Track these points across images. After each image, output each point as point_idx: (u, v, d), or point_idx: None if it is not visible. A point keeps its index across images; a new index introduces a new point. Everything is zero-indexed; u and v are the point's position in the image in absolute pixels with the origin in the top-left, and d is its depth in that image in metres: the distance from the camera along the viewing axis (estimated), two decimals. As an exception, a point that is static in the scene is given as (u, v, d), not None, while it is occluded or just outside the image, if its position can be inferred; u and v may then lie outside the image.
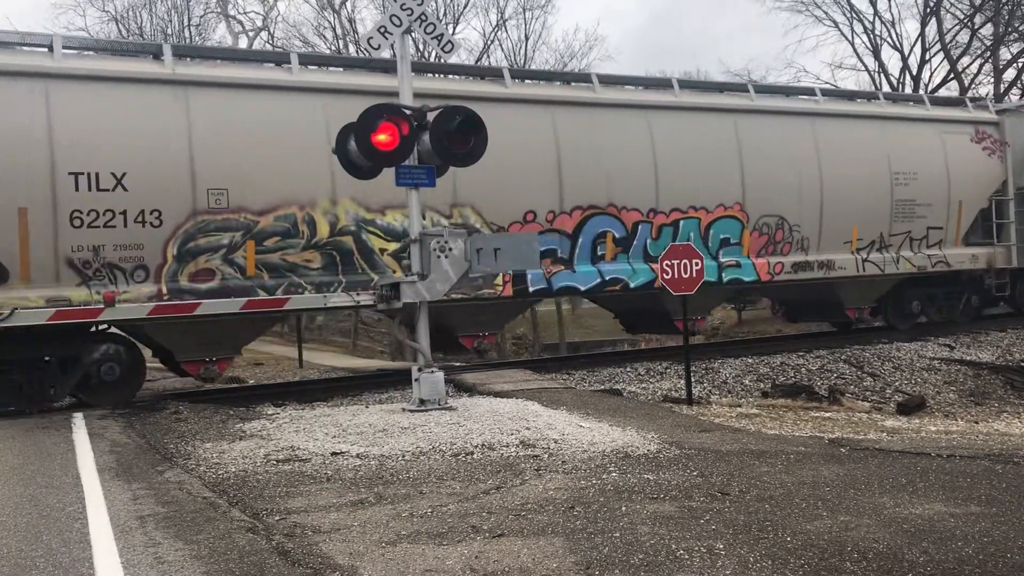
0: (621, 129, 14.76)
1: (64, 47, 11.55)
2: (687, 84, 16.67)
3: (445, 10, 35.08)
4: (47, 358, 11.49)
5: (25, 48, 11.79)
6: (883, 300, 18.17)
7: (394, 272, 12.71)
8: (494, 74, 14.92)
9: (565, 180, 14.17)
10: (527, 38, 38.09)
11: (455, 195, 13.26)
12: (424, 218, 12.01)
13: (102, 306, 11.19)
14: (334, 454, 7.92)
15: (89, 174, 11.17)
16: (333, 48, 34.59)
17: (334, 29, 35.92)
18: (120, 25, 34.43)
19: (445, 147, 9.97)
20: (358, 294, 12.46)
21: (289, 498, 6.41)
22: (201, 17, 35.94)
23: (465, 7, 37.03)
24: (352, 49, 33.19)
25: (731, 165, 15.64)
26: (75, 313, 11.11)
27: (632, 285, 14.75)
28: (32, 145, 10.92)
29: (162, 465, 7.75)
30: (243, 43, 35.04)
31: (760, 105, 16.33)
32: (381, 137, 9.78)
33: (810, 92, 18.28)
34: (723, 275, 15.48)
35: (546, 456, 7.59)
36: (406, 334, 10.82)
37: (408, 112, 9.94)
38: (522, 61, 36.86)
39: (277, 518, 5.84)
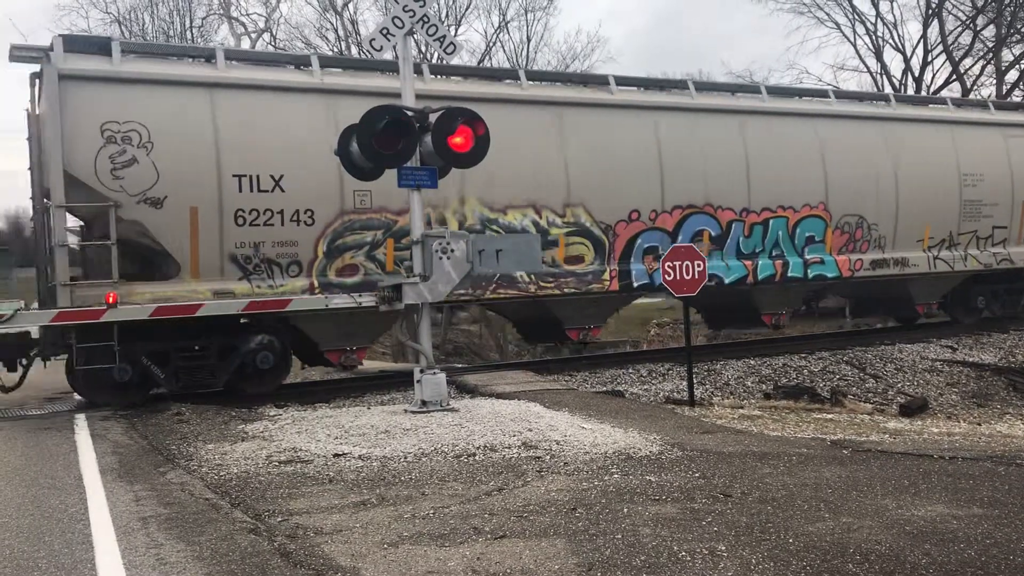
0: (716, 132, 15.67)
1: (226, 58, 12.59)
2: (773, 90, 17.46)
3: (447, 12, 35.12)
4: (206, 348, 12.30)
5: (189, 59, 13.05)
6: (949, 296, 19.19)
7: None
8: (600, 81, 15.74)
9: (666, 181, 15.12)
10: (529, 40, 38.16)
11: (568, 195, 14.27)
12: (540, 216, 14.08)
13: (104, 307, 11.21)
14: (336, 455, 7.92)
15: (251, 176, 12.12)
16: (335, 50, 34.62)
17: (336, 31, 35.99)
18: (122, 27, 34.45)
19: (447, 148, 9.97)
20: (360, 295, 12.47)
21: (291, 499, 6.41)
22: (203, 19, 35.99)
23: (467, 9, 37.09)
24: (354, 51, 33.22)
25: (815, 167, 16.59)
26: (77, 314, 11.12)
27: (727, 281, 15.67)
28: (202, 149, 11.85)
29: (164, 466, 7.76)
30: (245, 44, 35.06)
31: (839, 110, 17.33)
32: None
33: (884, 99, 19.15)
34: (808, 271, 16.50)
35: (548, 457, 7.59)
36: (408, 336, 10.81)
37: (410, 113, 9.95)
38: (524, 63, 36.86)
39: (279, 519, 5.84)
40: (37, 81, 11.95)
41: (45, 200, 11.80)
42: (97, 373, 11.51)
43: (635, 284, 14.91)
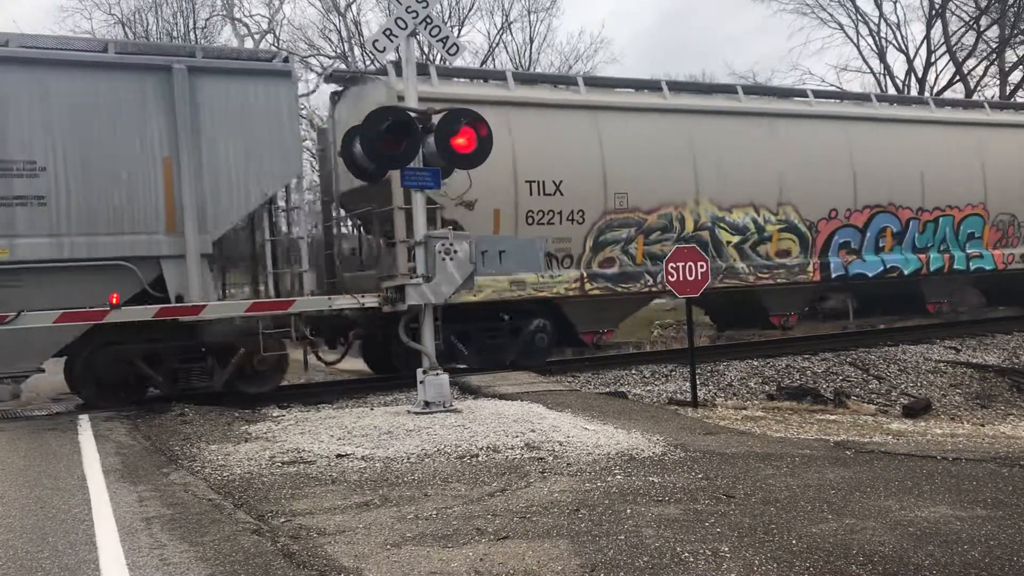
0: (897, 140, 17.78)
1: (514, 79, 14.79)
2: (940, 101, 20.14)
3: (450, 13, 35.15)
4: (500, 329, 14.28)
5: (481, 80, 15.38)
6: None
7: (734, 261, 15.86)
8: (798, 94, 18.24)
9: (858, 183, 17.23)
10: (532, 41, 38.22)
11: (780, 196, 16.41)
12: (759, 214, 16.16)
13: (108, 308, 11.23)
14: (339, 456, 7.92)
15: (539, 182, 14.18)
16: (338, 51, 34.65)
17: (339, 32, 36.02)
18: (126, 28, 34.52)
19: (449, 149, 9.98)
20: (363, 296, 12.48)
21: (294, 500, 6.41)
22: (207, 20, 36.03)
23: (470, 10, 37.12)
24: (357, 52, 33.25)
25: (976, 171, 18.78)
26: (79, 315, 11.16)
27: (906, 272, 17.89)
28: (502, 159, 13.28)
29: (167, 467, 7.77)
30: (248, 46, 35.10)
31: (995, 119, 19.60)
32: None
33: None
34: (969, 264, 18.72)
35: (551, 458, 7.59)
36: (409, 337, 10.81)
37: (413, 115, 9.96)
38: (527, 64, 36.88)
39: (282, 520, 5.84)
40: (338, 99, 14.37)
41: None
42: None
43: (832, 275, 16.96)
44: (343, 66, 27.04)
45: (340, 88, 14.43)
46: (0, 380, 11.08)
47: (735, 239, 15.91)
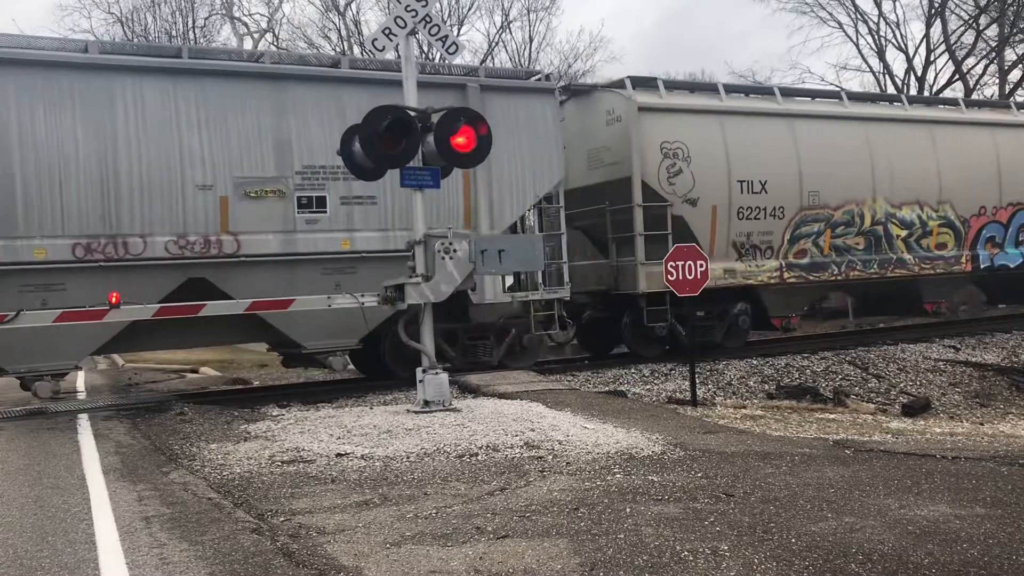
0: None
1: (725, 90, 16.55)
2: None
3: (450, 12, 35.13)
4: (710, 313, 15.96)
5: (688, 91, 16.85)
6: None
7: (902, 253, 17.71)
8: (951, 103, 20.36)
9: (1003, 183, 19.15)
10: (531, 40, 38.15)
11: (940, 194, 18.24)
12: (922, 211, 18.09)
13: (107, 308, 11.24)
14: (339, 455, 7.92)
15: (748, 181, 15.96)
16: (338, 49, 34.63)
17: (339, 31, 36.00)
18: (125, 27, 34.50)
19: (449, 148, 9.97)
20: (363, 296, 12.47)
21: (294, 499, 6.41)
22: (206, 19, 36.00)
23: (470, 9, 37.09)
24: (356, 51, 33.22)
25: None
26: (79, 315, 11.18)
27: None
28: (719, 161, 15.70)
29: (167, 466, 7.77)
30: (248, 45, 35.09)
31: None
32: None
33: None
34: None
35: (550, 457, 7.59)
36: (408, 336, 10.81)
37: (412, 113, 9.95)
38: (526, 63, 36.85)
39: (282, 519, 5.84)
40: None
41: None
42: (644, 331, 15.35)
43: (981, 266, 18.88)
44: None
45: (564, 98, 15.83)
46: (333, 353, 12.98)
47: (903, 233, 17.82)
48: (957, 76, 35.40)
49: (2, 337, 10.87)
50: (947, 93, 34.35)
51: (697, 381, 12.73)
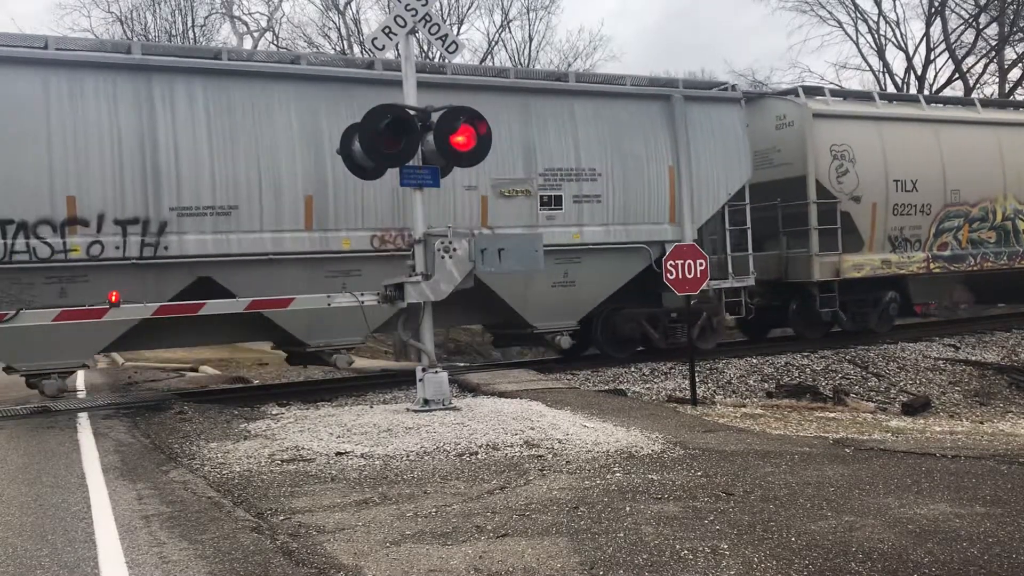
0: None
1: (879, 97, 18.71)
2: None
3: (449, 11, 35.11)
4: (864, 299, 17.62)
5: (851, 99, 18.76)
6: None
7: None
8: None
9: None
10: (531, 39, 38.13)
11: (1005, 189, 19.25)
12: (1021, 203, 19.47)
13: (107, 306, 11.21)
14: (338, 454, 7.92)
15: (901, 180, 17.56)
16: (337, 48, 34.61)
17: (339, 30, 35.96)
18: (124, 26, 34.48)
19: (449, 147, 9.96)
20: (363, 295, 12.46)
21: (293, 498, 6.41)
22: (206, 18, 35.97)
23: (469, 8, 37.06)
24: (357, 50, 33.21)
25: None
26: (79, 314, 11.17)
27: None
28: (877, 162, 17.25)
29: (167, 465, 7.77)
30: (247, 44, 35.07)
31: None
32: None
33: None
34: None
35: (550, 456, 7.59)
36: (410, 334, 10.80)
37: (412, 112, 9.95)
38: (526, 62, 36.84)
39: (281, 518, 5.84)
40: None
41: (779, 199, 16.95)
42: (812, 315, 17.04)
43: None
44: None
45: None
46: (560, 333, 14.61)
47: None
48: (957, 75, 35.39)
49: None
50: (947, 92, 34.35)
51: (697, 380, 12.73)
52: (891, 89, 35.36)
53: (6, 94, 11.11)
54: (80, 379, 16.69)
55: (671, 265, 12.10)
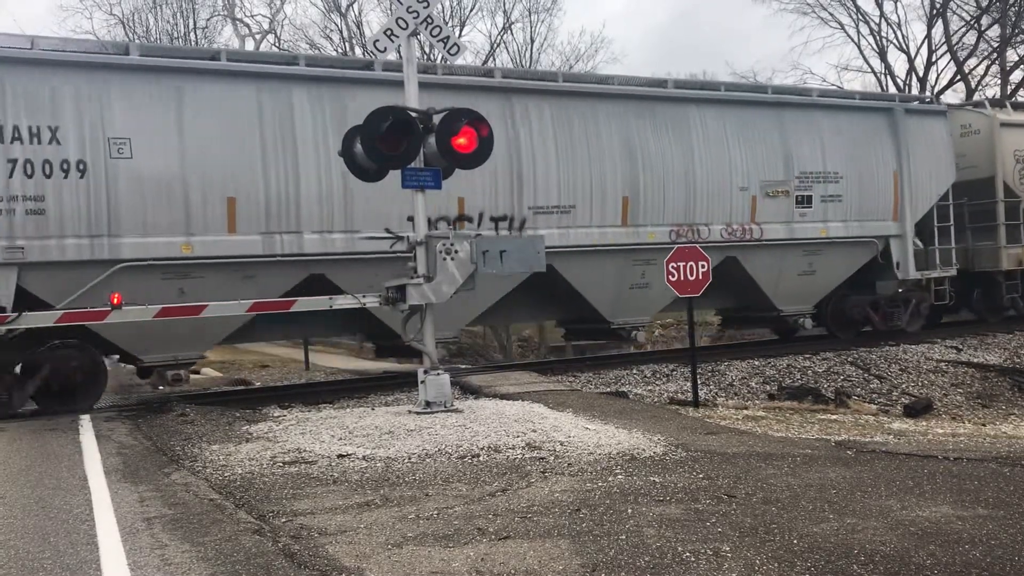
0: None
1: (991, 105, 19.96)
2: None
3: (451, 13, 35.14)
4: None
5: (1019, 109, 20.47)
6: None
7: None
8: None
9: None
10: (532, 41, 38.13)
11: None
12: None
13: (109, 309, 11.23)
14: (340, 456, 7.92)
15: None
16: (340, 50, 34.63)
17: (341, 32, 35.99)
18: (126, 28, 34.52)
19: (450, 149, 9.96)
20: (364, 296, 12.46)
21: (295, 500, 6.41)
22: (208, 20, 36.02)
23: (471, 10, 37.10)
24: (359, 51, 33.23)
25: None
26: (79, 315, 11.19)
27: None
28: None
29: (169, 467, 7.77)
30: (249, 46, 35.11)
31: None
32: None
33: None
34: None
35: (552, 458, 7.59)
36: (411, 336, 10.80)
37: (414, 114, 9.95)
38: (528, 64, 36.83)
39: (283, 520, 5.84)
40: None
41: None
42: (994, 301, 19.40)
43: None
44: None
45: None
46: (803, 316, 17.13)
47: None
48: (959, 77, 35.36)
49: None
50: (948, 93, 34.35)
51: (699, 382, 12.71)
52: (892, 90, 35.32)
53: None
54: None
55: (672, 267, 12.08)
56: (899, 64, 59.35)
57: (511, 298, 14.19)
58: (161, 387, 12.58)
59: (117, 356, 13.23)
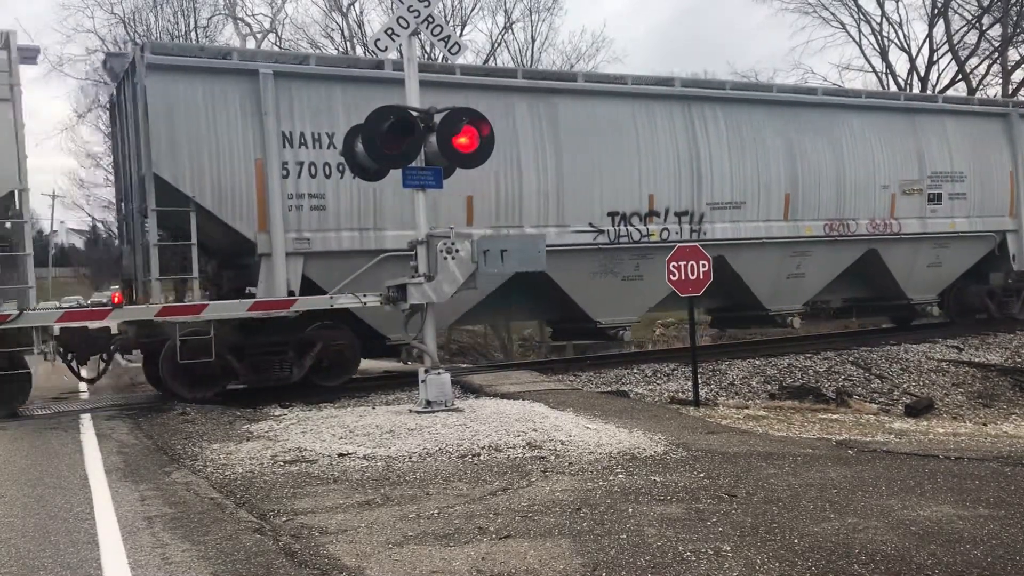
0: None
1: None
2: None
3: (452, 12, 35.12)
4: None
5: None
6: None
7: None
8: None
9: None
10: (533, 40, 38.12)
11: None
12: None
13: (110, 307, 11.28)
14: (341, 455, 7.92)
15: None
16: (341, 49, 34.62)
17: (342, 31, 35.98)
18: (127, 27, 34.50)
19: (451, 148, 9.95)
20: (364, 295, 12.47)
21: (296, 499, 6.41)
22: (209, 19, 35.97)
23: (472, 10, 37.08)
24: (360, 51, 33.23)
25: None
26: (79, 314, 11.27)
27: None
28: None
29: (169, 466, 7.77)
30: (251, 45, 35.08)
31: None
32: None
33: None
34: None
35: (553, 458, 7.59)
36: (412, 335, 10.80)
37: (415, 114, 9.95)
38: (529, 63, 36.82)
39: (284, 519, 5.84)
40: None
41: None
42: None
43: None
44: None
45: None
46: (930, 304, 19.16)
47: None
48: (960, 76, 35.34)
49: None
50: (950, 93, 34.31)
51: (700, 381, 12.71)
52: (893, 89, 35.32)
53: (611, 119, 14.88)
54: (83, 380, 16.69)
55: (673, 266, 12.08)
56: (900, 63, 59.39)
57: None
58: (408, 363, 13.72)
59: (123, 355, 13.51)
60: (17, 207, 11.32)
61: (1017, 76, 35.63)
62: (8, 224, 11.48)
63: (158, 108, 11.82)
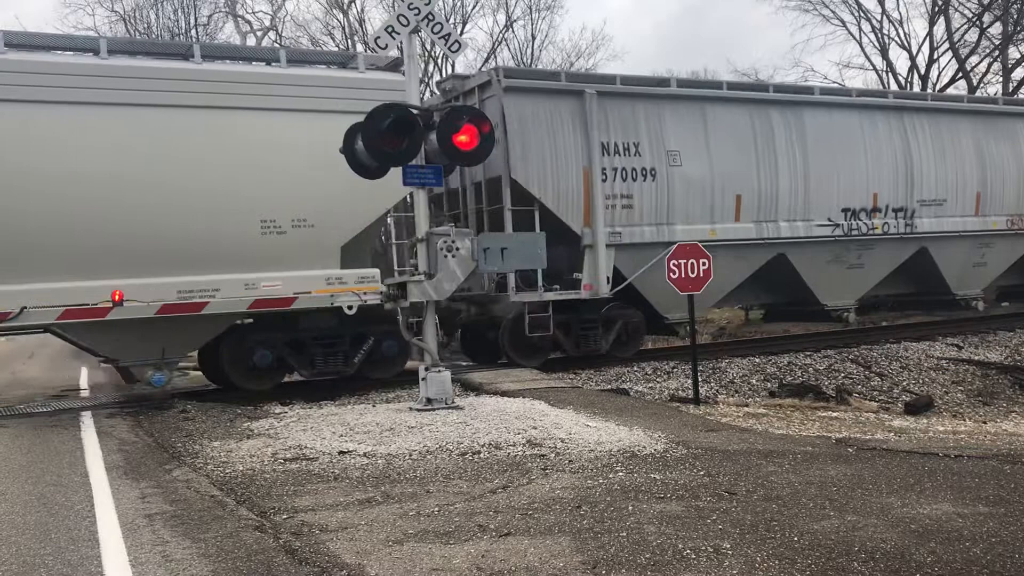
0: None
1: None
2: None
3: (453, 9, 35.12)
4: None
5: None
6: None
7: None
8: None
9: None
10: (534, 38, 38.12)
11: None
12: None
13: (111, 305, 11.29)
14: (341, 453, 7.93)
15: None
16: (341, 47, 34.60)
17: (343, 28, 35.96)
18: (128, 25, 34.49)
19: (452, 146, 9.95)
20: (365, 293, 12.48)
21: (296, 497, 6.42)
22: (209, 17, 35.95)
23: (473, 8, 37.07)
24: (360, 49, 33.21)
25: None
26: (81, 312, 11.25)
27: None
28: None
29: (170, 464, 7.78)
30: (251, 42, 35.06)
31: None
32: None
33: None
34: None
35: (553, 455, 7.59)
36: (412, 333, 10.81)
37: (415, 111, 9.95)
38: (529, 61, 36.82)
39: (284, 516, 5.85)
40: None
41: None
42: None
43: None
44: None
45: None
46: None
47: None
48: (960, 74, 35.34)
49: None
50: (950, 91, 34.30)
51: (700, 379, 12.71)
52: (894, 88, 35.32)
53: (844, 127, 17.10)
54: (84, 378, 16.73)
55: (673, 265, 12.07)
56: (900, 61, 59.31)
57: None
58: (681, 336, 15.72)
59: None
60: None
61: (1017, 74, 35.66)
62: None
63: (513, 123, 13.70)
